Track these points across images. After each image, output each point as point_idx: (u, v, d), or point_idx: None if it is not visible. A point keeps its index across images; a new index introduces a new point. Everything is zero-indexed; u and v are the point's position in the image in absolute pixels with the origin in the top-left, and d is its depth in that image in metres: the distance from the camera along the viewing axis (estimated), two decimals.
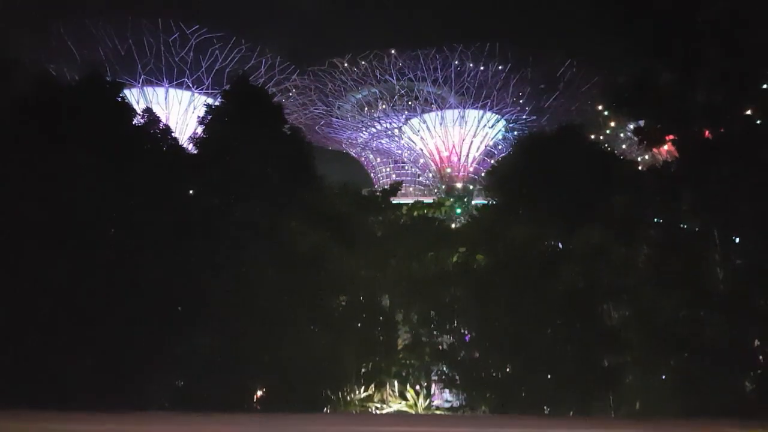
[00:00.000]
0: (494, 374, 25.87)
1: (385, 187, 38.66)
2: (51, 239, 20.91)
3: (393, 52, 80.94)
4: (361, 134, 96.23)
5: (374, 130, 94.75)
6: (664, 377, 23.57)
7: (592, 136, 29.42)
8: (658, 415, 22.00)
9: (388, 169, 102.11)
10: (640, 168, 27.48)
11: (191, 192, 25.50)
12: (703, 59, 21.89)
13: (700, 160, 21.58)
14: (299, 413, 22.18)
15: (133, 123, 25.65)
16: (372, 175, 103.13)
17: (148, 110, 27.01)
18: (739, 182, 20.74)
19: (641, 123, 25.25)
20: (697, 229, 23.30)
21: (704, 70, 22.05)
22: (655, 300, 22.51)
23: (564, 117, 61.78)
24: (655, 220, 24.38)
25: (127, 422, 13.11)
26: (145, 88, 77.99)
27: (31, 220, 20.90)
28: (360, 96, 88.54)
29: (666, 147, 26.30)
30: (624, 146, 65.58)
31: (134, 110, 26.51)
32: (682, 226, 23.92)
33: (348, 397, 27.20)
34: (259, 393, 25.19)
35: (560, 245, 26.34)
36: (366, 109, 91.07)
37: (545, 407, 24.15)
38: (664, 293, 21.99)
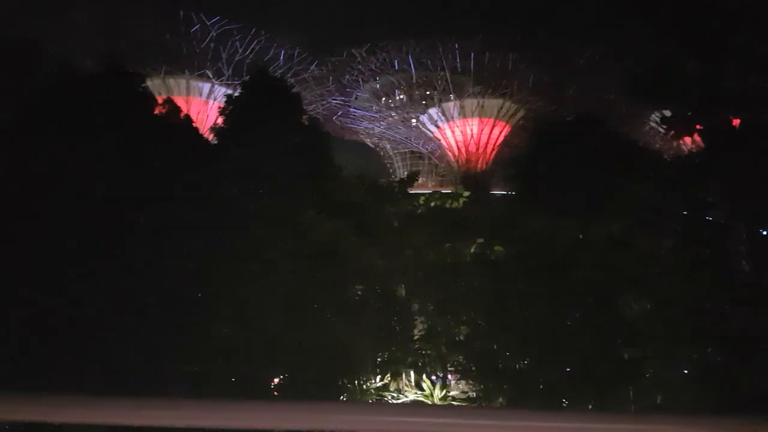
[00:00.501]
0: (511, 365, 25.75)
1: (402, 177, 38.53)
2: (68, 226, 21.15)
3: (412, 41, 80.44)
4: (379, 124, 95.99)
5: (391, 120, 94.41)
6: (686, 371, 23.25)
7: (614, 125, 28.87)
8: (679, 409, 21.71)
9: (405, 160, 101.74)
10: (664, 158, 26.96)
11: (210, 181, 25.69)
12: (733, 45, 21.31)
13: (726, 150, 21.10)
14: (315, 401, 22.26)
15: (155, 113, 25.90)
16: (389, 165, 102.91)
17: (168, 101, 27.30)
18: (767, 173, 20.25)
19: (666, 113, 24.75)
20: (722, 220, 22.85)
21: (733, 56, 21.48)
22: (678, 292, 22.16)
23: (585, 106, 60.89)
24: (679, 211, 23.96)
25: (140, 408, 13.19)
26: (166, 78, 78.62)
27: (46, 209, 21.15)
28: (378, 86, 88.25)
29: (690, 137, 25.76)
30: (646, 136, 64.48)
31: (156, 100, 26.79)
32: (707, 217, 23.48)
33: (364, 386, 27.31)
34: (276, 380, 25.39)
35: (580, 235, 26.03)
36: (384, 99, 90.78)
37: (563, 400, 24.00)
38: (686, 285, 21.63)
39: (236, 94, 28.99)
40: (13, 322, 20.33)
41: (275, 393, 24.53)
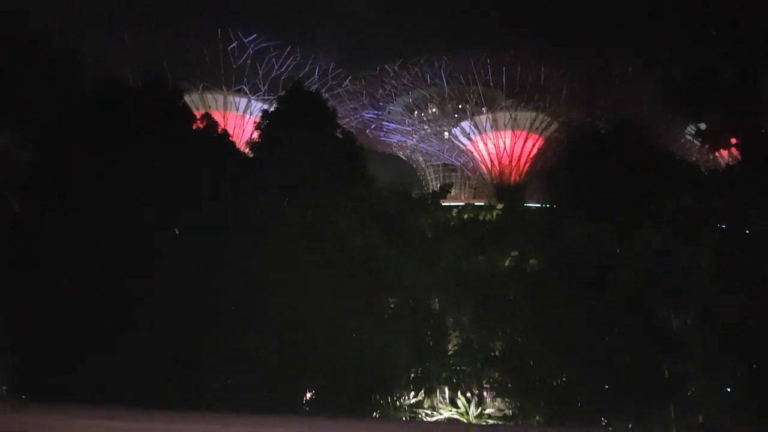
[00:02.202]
0: (549, 382, 25.20)
1: (435, 189, 38.34)
2: (109, 239, 21.66)
3: (444, 58, 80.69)
4: (411, 137, 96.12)
5: (424, 133, 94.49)
6: (729, 389, 22.44)
7: (650, 137, 28.29)
8: (723, 429, 20.98)
9: (438, 172, 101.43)
10: (701, 170, 26.30)
11: (246, 193, 26.05)
12: None
13: (764, 159, 20.50)
14: (347, 418, 21.95)
15: (193, 127, 26.49)
16: (422, 177, 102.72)
17: (206, 115, 27.92)
18: None
19: (701, 126, 24.21)
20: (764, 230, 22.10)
21: None
22: (720, 307, 21.48)
23: (620, 117, 59.74)
24: (719, 224, 23.29)
25: (175, 420, 13.34)
26: (205, 94, 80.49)
27: (89, 220, 21.73)
28: (410, 100, 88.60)
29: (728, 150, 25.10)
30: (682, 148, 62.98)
31: (194, 115, 27.43)
32: (746, 231, 22.75)
33: (398, 403, 26.98)
34: (308, 395, 25.35)
35: (617, 250, 25.45)
36: (416, 112, 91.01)
37: (602, 418, 23.37)
38: (729, 300, 20.95)
39: (272, 108, 29.45)
40: (61, 328, 20.93)
41: (307, 408, 24.47)
